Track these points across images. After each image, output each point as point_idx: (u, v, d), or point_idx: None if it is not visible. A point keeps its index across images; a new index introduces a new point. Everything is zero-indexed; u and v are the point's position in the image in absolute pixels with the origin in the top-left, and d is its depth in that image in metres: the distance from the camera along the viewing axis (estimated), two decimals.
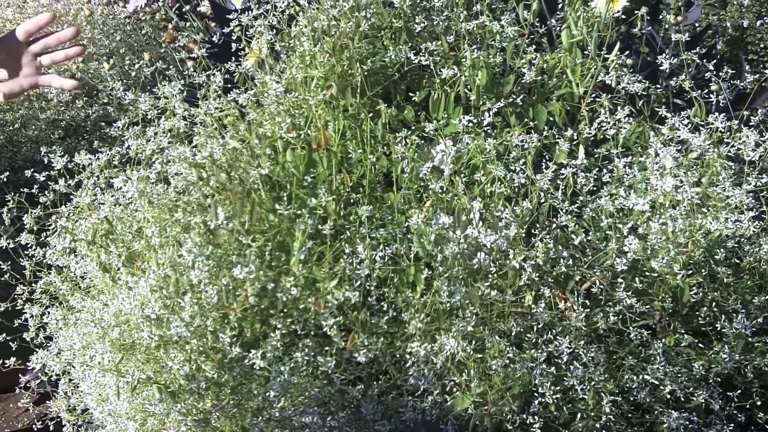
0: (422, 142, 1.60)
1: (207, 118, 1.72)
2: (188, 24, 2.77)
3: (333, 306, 1.48)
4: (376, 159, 1.60)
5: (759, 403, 1.54)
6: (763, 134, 1.57)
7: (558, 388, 1.43)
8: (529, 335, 1.46)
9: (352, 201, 1.59)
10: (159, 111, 1.79)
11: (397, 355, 1.51)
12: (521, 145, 1.56)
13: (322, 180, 1.60)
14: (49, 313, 1.84)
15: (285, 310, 1.50)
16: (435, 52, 1.66)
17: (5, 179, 2.02)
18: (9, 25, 3.18)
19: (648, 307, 1.48)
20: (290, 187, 1.58)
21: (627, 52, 1.72)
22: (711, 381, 1.49)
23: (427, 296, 1.48)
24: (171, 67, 1.99)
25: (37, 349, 1.84)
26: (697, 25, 2.50)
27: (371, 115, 1.62)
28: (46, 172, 1.82)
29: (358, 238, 1.53)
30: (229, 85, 1.77)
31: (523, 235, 1.47)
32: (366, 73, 1.64)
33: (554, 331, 1.46)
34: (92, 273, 1.79)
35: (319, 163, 1.60)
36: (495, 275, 1.46)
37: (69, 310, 1.84)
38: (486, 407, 1.46)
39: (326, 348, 1.50)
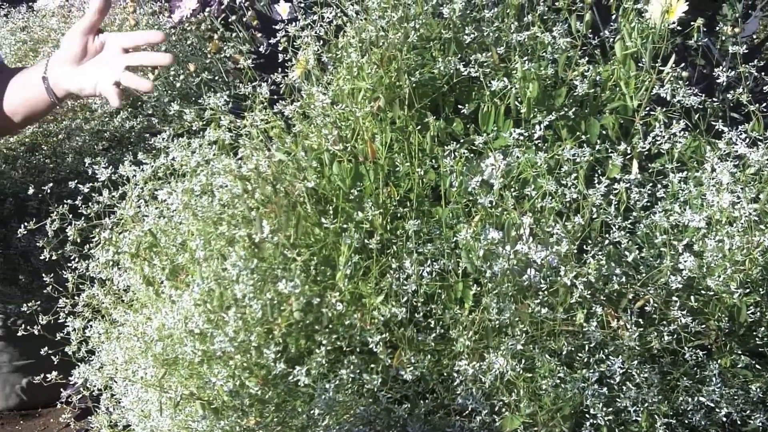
0: (471, 155, 1.59)
1: (253, 129, 1.72)
2: (234, 34, 2.79)
3: (379, 322, 1.47)
4: (424, 172, 1.59)
5: None
6: None
7: (610, 409, 1.41)
8: (580, 354, 1.45)
9: (399, 215, 1.59)
10: (204, 122, 1.80)
11: (445, 374, 1.50)
12: (573, 159, 1.55)
13: (368, 193, 1.60)
14: (91, 326, 1.85)
15: (330, 326, 1.50)
16: (485, 64, 1.65)
17: (49, 190, 2.04)
18: (54, 35, 3.21)
19: (703, 326, 1.46)
20: (336, 200, 1.58)
21: (683, 65, 1.70)
22: None
23: (475, 313, 1.47)
24: (217, 77, 2.00)
25: (78, 364, 1.85)
26: (755, 36, 2.47)
27: (419, 127, 1.62)
28: (90, 184, 1.83)
29: (405, 252, 1.52)
30: (275, 97, 1.78)
31: (575, 251, 1.45)
32: (414, 85, 1.64)
33: (606, 350, 1.44)
34: (135, 286, 1.80)
35: (366, 176, 1.60)
36: (545, 292, 1.44)
37: (111, 323, 1.85)
38: (536, 428, 1.44)
39: (372, 365, 1.50)
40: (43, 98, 1.97)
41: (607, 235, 1.51)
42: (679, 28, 1.74)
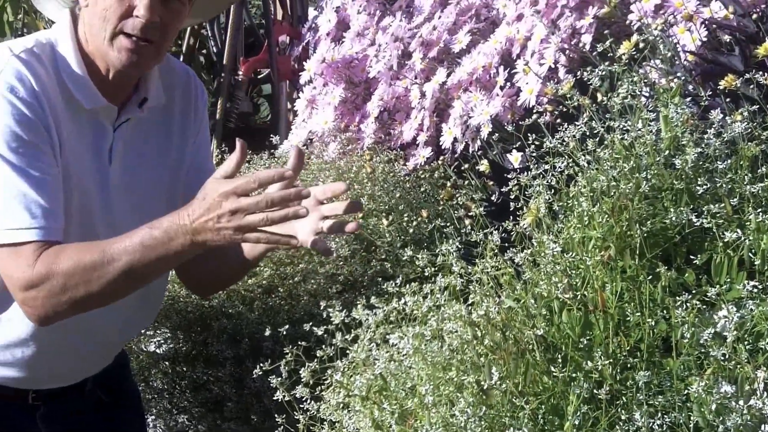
0: (703, 306, 1.61)
1: (483, 276, 1.78)
2: (467, 182, 2.90)
3: None
4: (655, 323, 1.61)
5: None
6: None
7: None
8: None
9: (629, 365, 1.61)
10: (436, 268, 1.87)
11: None
12: None
13: (598, 343, 1.63)
14: None
15: None
16: (718, 215, 1.67)
17: (284, 332, 2.15)
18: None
19: None
20: (565, 348, 1.62)
21: None
22: None
23: None
24: (449, 224, 2.08)
25: None
26: None
27: (650, 277, 1.65)
28: (324, 326, 1.92)
29: (635, 404, 1.53)
30: (505, 244, 1.84)
31: None
32: (645, 235, 1.68)
33: None
34: (365, 430, 1.86)
35: (596, 325, 1.64)
36: None
37: None
38: None
39: None
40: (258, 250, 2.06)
41: None
42: None
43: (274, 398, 1.87)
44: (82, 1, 1.94)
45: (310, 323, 1.97)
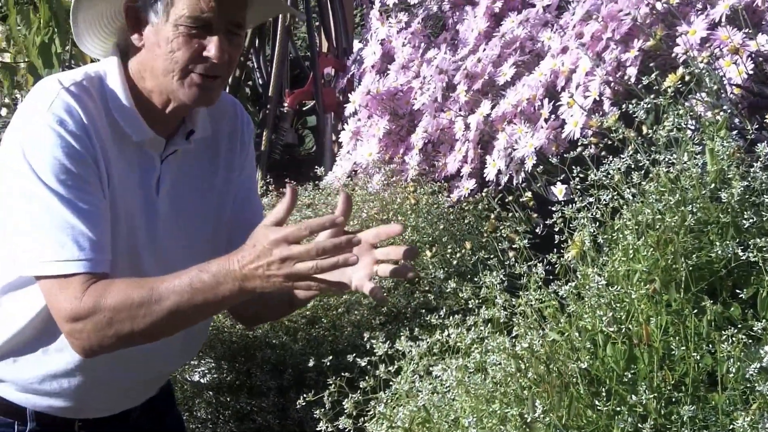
0: (749, 341, 1.60)
1: (527, 308, 1.79)
2: (510, 214, 2.90)
3: None
4: (700, 357, 1.61)
5: None
6: None
7: None
8: None
9: (673, 399, 1.60)
10: (480, 300, 1.88)
11: None
12: None
13: (642, 376, 1.62)
14: None
15: None
16: (764, 248, 1.66)
17: (328, 363, 2.15)
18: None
19: None
20: (610, 382, 1.62)
21: None
22: None
23: None
24: (492, 256, 2.09)
25: None
26: None
27: (695, 311, 1.65)
28: (367, 358, 1.93)
29: None
30: (549, 277, 1.84)
31: None
32: (691, 268, 1.68)
33: None
34: None
35: (640, 359, 1.64)
36: None
37: None
38: None
39: None
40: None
41: None
42: None
43: (318, 429, 1.89)
44: (136, 40, 1.96)
45: (354, 354, 1.98)
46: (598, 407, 1.56)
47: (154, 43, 1.94)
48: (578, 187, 1.90)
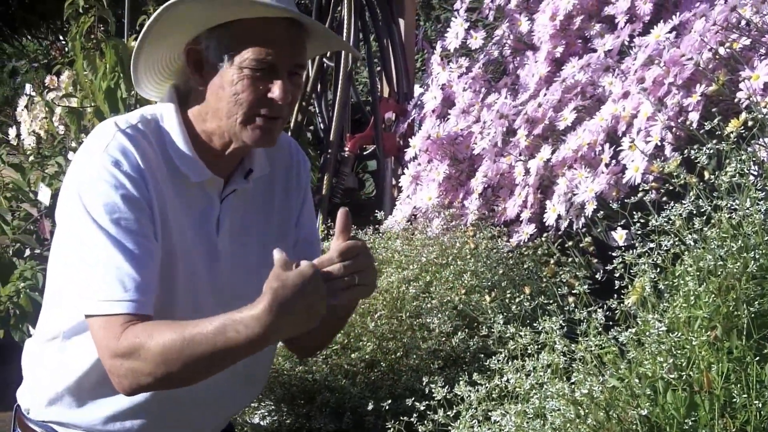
0: None
1: (587, 354, 1.79)
2: (570, 259, 2.89)
3: None
4: (762, 404, 1.60)
5: None
6: None
7: None
8: None
9: None
10: (539, 346, 1.88)
11: None
12: None
13: (703, 424, 1.61)
14: None
15: None
16: None
17: (386, 406, 2.16)
18: (397, 256, 3.43)
19: None
20: (670, 429, 1.61)
21: None
22: None
23: None
24: (552, 302, 2.09)
25: None
26: None
27: (757, 358, 1.63)
28: (426, 402, 1.93)
29: None
30: (609, 323, 1.84)
31: None
32: (753, 315, 1.67)
33: None
34: None
35: (701, 406, 1.62)
36: None
37: None
38: None
39: None
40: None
41: None
42: None
43: None
44: (197, 82, 1.99)
45: (412, 398, 1.98)
46: None
47: (217, 85, 1.97)
48: (639, 232, 1.90)
